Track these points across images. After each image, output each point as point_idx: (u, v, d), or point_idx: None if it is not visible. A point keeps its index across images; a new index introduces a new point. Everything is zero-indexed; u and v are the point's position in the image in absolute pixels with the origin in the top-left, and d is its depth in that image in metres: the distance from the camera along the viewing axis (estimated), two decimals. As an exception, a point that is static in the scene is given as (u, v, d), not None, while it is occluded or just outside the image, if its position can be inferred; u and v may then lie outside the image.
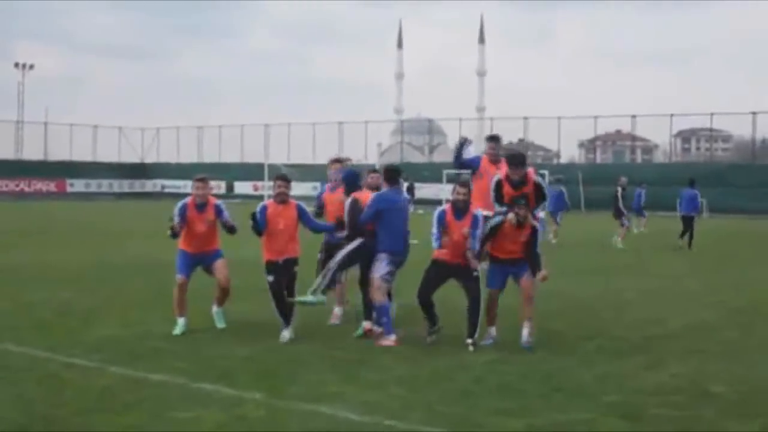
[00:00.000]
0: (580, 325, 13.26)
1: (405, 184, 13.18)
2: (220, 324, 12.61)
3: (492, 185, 12.19)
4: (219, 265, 12.62)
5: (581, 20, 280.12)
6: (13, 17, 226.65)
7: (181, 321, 12.29)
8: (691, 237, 28.72)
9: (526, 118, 75.50)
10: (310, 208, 12.68)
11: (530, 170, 12.09)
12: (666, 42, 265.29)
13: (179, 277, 12.40)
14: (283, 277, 11.99)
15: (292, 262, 12.08)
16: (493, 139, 13.81)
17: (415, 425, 8.00)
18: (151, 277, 17.93)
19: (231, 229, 12.48)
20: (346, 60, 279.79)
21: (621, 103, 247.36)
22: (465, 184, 12.04)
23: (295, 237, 12.15)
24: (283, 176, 12.44)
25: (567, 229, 31.59)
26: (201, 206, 12.47)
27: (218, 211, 12.55)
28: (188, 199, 12.58)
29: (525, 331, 11.50)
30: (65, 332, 12.27)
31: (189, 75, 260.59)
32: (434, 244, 11.75)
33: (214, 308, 12.77)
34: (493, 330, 11.85)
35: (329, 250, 12.72)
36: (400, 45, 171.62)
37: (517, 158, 12.04)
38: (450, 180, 56.48)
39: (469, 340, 11.39)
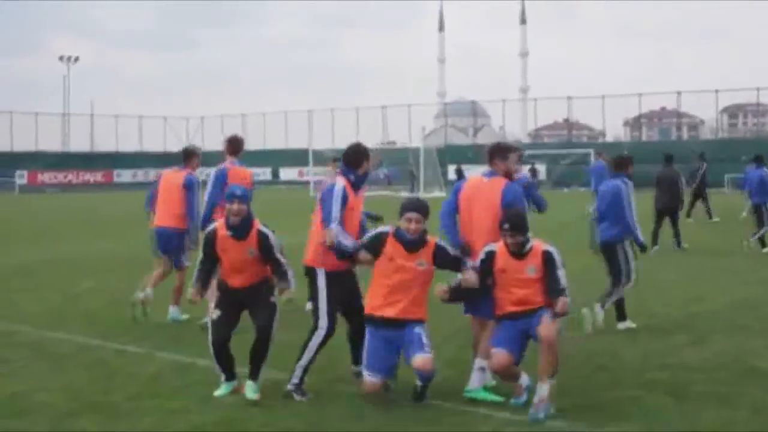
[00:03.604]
0: (624, 303, 13.23)
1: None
2: None
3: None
4: None
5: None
6: (47, 11, 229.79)
7: None
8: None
9: (570, 98, 75.23)
10: None
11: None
12: (709, 16, 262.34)
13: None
14: None
15: None
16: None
17: (462, 405, 8.08)
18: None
19: None
20: (386, 45, 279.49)
21: (665, 80, 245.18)
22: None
23: None
24: None
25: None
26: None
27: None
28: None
29: (537, 394, 7.75)
30: (114, 320, 12.45)
31: (226, 63, 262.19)
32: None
33: None
34: (524, 379, 8.27)
35: None
36: (441, 28, 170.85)
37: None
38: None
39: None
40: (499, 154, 8.89)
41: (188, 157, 13.21)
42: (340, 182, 8.64)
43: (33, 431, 7.46)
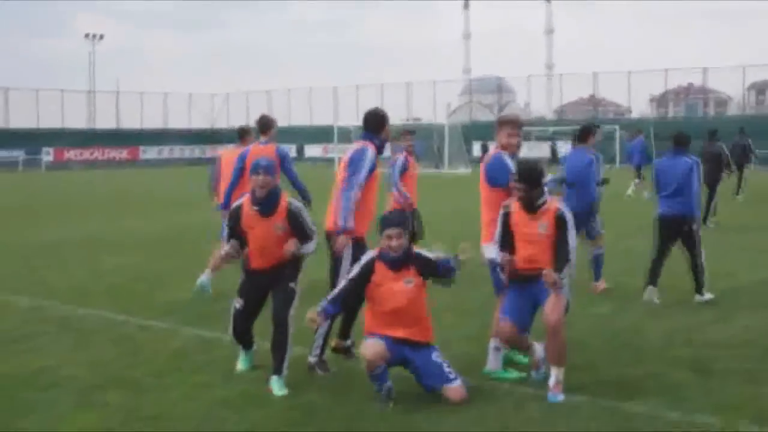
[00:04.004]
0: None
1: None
2: None
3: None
4: None
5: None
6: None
7: None
8: None
9: (595, 74, 74.64)
10: None
11: None
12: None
13: None
14: None
15: None
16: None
17: (484, 381, 8.11)
18: (220, 240, 18.12)
19: None
20: (411, 22, 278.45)
21: (692, 57, 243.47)
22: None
23: None
24: None
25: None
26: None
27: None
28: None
29: (552, 378, 7.71)
30: (139, 296, 12.55)
31: (251, 41, 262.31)
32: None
33: None
34: (537, 351, 8.21)
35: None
36: (466, 5, 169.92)
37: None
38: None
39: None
40: (497, 128, 8.83)
41: (244, 134, 13.45)
42: (371, 149, 8.63)
43: (59, 404, 7.53)
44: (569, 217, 7.93)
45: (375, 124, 8.85)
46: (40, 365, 8.77)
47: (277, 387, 7.85)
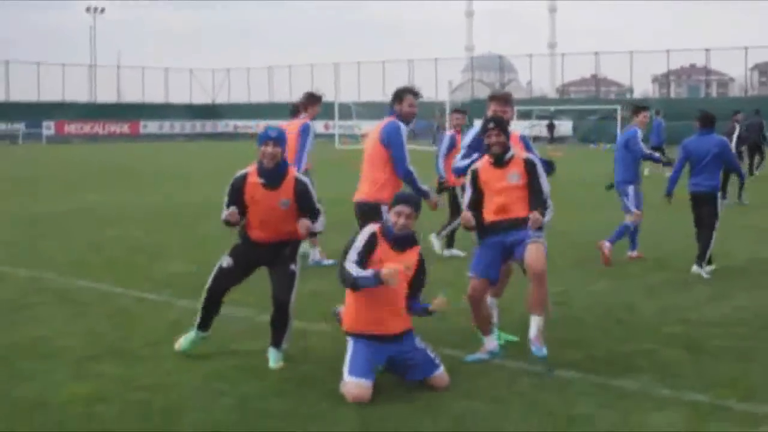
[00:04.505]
0: (645, 257, 13.23)
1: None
2: None
3: None
4: None
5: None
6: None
7: None
8: None
9: (597, 54, 74.56)
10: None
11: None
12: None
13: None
14: None
15: None
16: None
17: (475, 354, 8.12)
18: (220, 216, 18.15)
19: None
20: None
21: (694, 37, 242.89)
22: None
23: None
24: None
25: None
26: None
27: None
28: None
29: (532, 328, 7.73)
30: (136, 269, 12.59)
31: (253, 17, 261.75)
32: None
33: None
34: (489, 340, 8.20)
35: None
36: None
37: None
38: (521, 116, 56.41)
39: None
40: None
41: (295, 111, 13.73)
42: (401, 124, 9.17)
43: (55, 374, 7.57)
44: (537, 161, 8.03)
45: (392, 100, 9.28)
46: (37, 335, 8.82)
47: (273, 359, 7.85)
